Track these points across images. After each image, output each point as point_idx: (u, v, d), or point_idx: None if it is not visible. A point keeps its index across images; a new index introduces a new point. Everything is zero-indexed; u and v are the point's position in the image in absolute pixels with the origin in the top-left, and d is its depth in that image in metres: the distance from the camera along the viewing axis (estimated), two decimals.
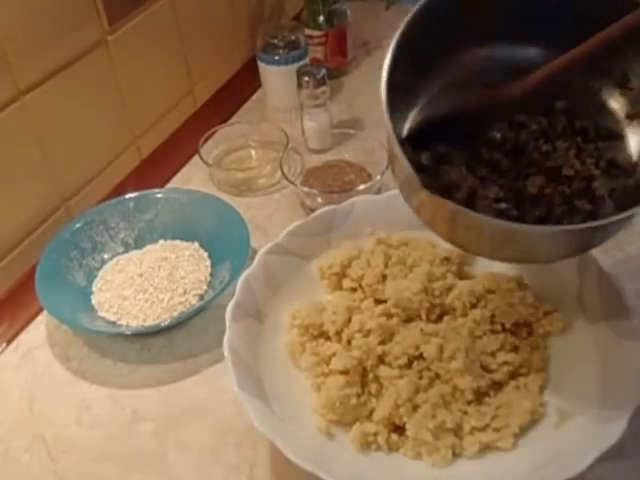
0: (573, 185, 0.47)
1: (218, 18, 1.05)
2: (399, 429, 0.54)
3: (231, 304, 0.57)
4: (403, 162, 0.43)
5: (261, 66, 0.97)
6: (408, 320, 0.59)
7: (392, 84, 0.46)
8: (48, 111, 0.77)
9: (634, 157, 0.48)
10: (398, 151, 0.44)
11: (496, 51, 0.52)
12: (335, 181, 0.82)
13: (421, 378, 0.55)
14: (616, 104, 0.50)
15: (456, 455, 0.52)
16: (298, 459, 0.46)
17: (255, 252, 0.63)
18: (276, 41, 0.94)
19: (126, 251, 0.77)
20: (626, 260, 0.45)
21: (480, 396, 0.54)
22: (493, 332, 0.58)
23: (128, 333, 0.69)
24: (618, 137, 0.49)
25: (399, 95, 0.47)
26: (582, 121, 0.50)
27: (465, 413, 0.53)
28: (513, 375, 0.56)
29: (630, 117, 0.49)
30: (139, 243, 0.78)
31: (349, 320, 0.59)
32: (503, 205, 0.46)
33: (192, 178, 0.91)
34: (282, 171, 0.82)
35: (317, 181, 0.83)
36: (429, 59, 0.50)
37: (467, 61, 0.52)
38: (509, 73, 0.49)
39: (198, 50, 1.02)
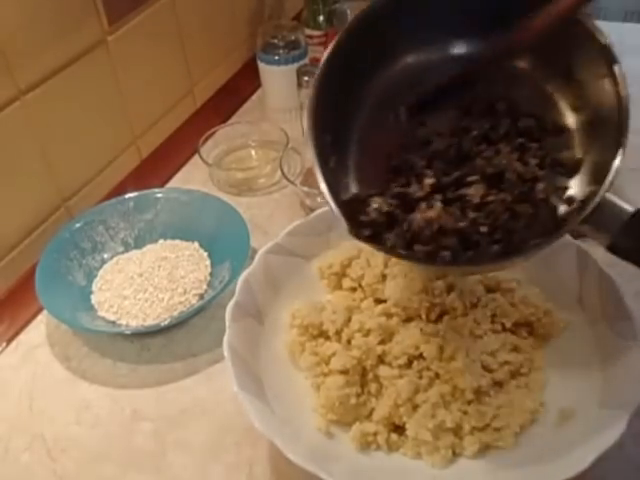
0: (515, 190, 0.47)
1: (218, 18, 1.05)
2: (399, 429, 0.53)
3: (231, 304, 0.57)
4: (331, 205, 0.45)
5: (261, 66, 0.97)
6: (408, 320, 0.59)
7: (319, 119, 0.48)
8: (48, 111, 0.77)
9: (579, 153, 0.48)
10: (325, 192, 0.46)
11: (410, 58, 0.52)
12: None
13: (421, 378, 0.55)
14: (562, 96, 0.50)
15: (456, 455, 0.52)
16: (298, 459, 0.46)
17: (255, 252, 0.63)
18: (276, 41, 0.94)
19: (126, 251, 0.77)
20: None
21: (480, 396, 0.54)
22: (493, 332, 0.57)
23: (128, 333, 0.69)
24: (563, 131, 0.49)
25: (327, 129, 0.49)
26: (526, 119, 0.49)
27: (465, 413, 0.53)
28: (513, 375, 0.56)
29: (576, 109, 0.49)
30: (139, 243, 0.78)
31: (349, 320, 0.59)
32: (442, 242, 0.46)
33: (192, 178, 0.91)
34: (282, 171, 0.82)
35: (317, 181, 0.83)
36: (350, 90, 0.51)
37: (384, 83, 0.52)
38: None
39: (198, 50, 1.02)
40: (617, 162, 0.42)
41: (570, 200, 0.46)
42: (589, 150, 0.47)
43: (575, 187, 0.47)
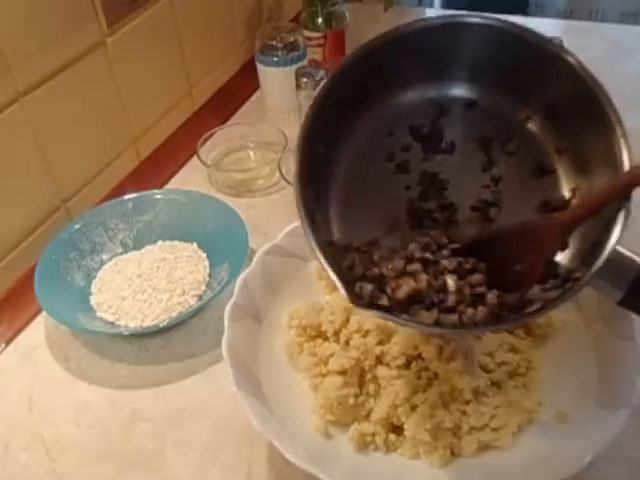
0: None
1: (216, 20, 1.05)
2: (397, 429, 0.54)
3: (229, 304, 0.57)
4: (331, 277, 0.45)
5: (260, 67, 0.97)
6: None
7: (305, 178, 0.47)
8: (47, 112, 0.77)
9: (566, 194, 0.49)
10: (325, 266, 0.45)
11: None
12: None
13: (419, 378, 0.55)
14: (545, 139, 0.50)
15: (454, 455, 0.52)
16: (296, 459, 0.46)
17: (253, 253, 0.63)
18: (275, 42, 0.95)
19: (125, 252, 0.77)
20: None
21: (478, 396, 0.54)
22: (491, 332, 0.58)
23: (126, 333, 0.69)
24: (550, 172, 0.49)
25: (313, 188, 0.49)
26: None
27: (463, 413, 0.53)
28: (511, 375, 0.56)
29: (559, 152, 0.49)
30: (138, 244, 0.78)
31: (347, 320, 0.59)
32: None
33: (191, 179, 0.91)
34: (280, 172, 0.82)
35: None
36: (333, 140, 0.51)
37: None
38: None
39: (197, 52, 1.02)
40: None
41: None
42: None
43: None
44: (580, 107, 0.45)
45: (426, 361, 0.55)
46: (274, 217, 0.83)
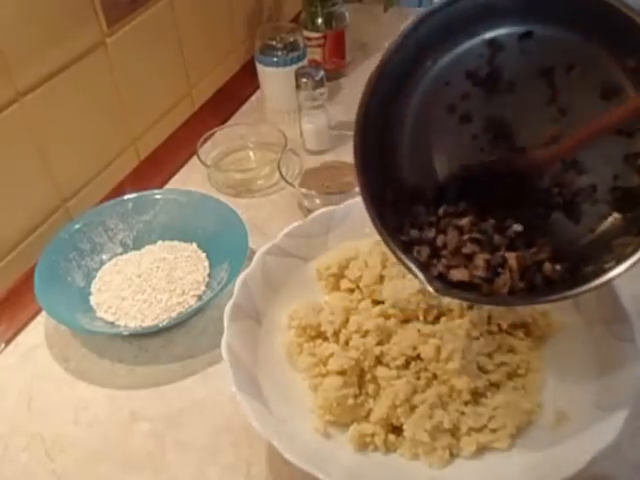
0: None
1: (216, 20, 1.05)
2: (396, 430, 0.54)
3: (229, 305, 0.57)
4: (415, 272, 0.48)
5: (259, 68, 0.97)
6: (406, 321, 0.59)
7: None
8: (47, 113, 0.77)
9: None
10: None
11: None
12: (333, 182, 0.83)
13: (418, 379, 0.55)
14: (609, 58, 0.48)
15: (453, 455, 0.52)
16: (295, 459, 0.46)
17: (253, 253, 0.63)
18: (274, 43, 0.95)
19: (125, 252, 0.77)
20: None
21: (477, 397, 0.54)
22: (490, 333, 0.58)
23: (126, 334, 0.69)
24: (619, 92, 0.47)
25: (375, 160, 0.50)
26: None
27: (462, 414, 0.53)
28: (510, 376, 0.56)
29: (626, 70, 0.47)
30: (138, 244, 0.78)
31: (347, 321, 0.59)
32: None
33: (190, 179, 0.91)
34: (280, 172, 0.82)
35: (315, 182, 0.83)
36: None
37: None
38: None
39: (196, 52, 1.02)
40: None
41: None
42: None
43: None
44: None
45: (425, 362, 0.55)
46: (274, 217, 0.83)
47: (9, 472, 0.58)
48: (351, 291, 0.63)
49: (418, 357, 0.56)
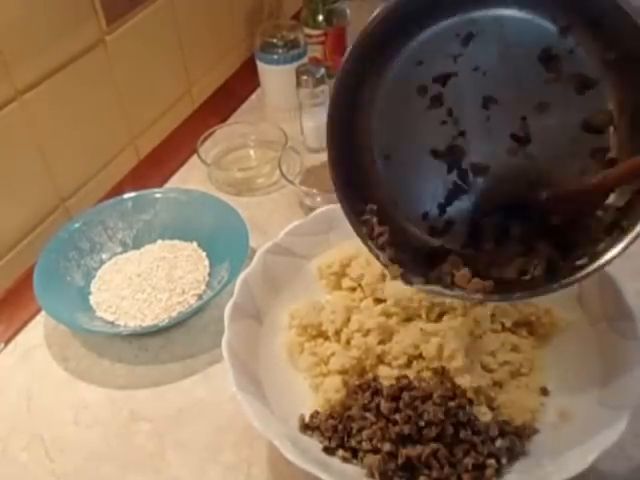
0: None
1: (216, 17, 1.05)
2: None
3: (230, 304, 0.57)
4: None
5: (260, 65, 0.97)
6: (408, 319, 0.59)
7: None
8: (46, 111, 0.77)
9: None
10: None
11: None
12: None
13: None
14: (589, 49, 0.47)
15: None
16: (296, 459, 0.46)
17: (254, 252, 0.63)
18: (275, 40, 0.94)
19: (124, 251, 0.77)
20: (626, 260, 0.45)
21: (480, 396, 0.54)
22: (493, 331, 0.57)
23: (126, 333, 0.68)
24: (595, 85, 0.47)
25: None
26: None
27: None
28: (513, 375, 0.56)
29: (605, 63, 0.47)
30: (137, 243, 0.78)
31: (348, 320, 0.59)
32: None
33: (191, 178, 0.91)
34: (281, 170, 0.82)
35: (316, 180, 0.83)
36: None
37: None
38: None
39: (196, 50, 1.02)
40: None
41: None
42: None
43: None
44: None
45: (427, 360, 0.55)
46: (274, 216, 0.82)
47: (9, 472, 0.58)
48: (353, 290, 0.63)
49: (420, 356, 0.55)
